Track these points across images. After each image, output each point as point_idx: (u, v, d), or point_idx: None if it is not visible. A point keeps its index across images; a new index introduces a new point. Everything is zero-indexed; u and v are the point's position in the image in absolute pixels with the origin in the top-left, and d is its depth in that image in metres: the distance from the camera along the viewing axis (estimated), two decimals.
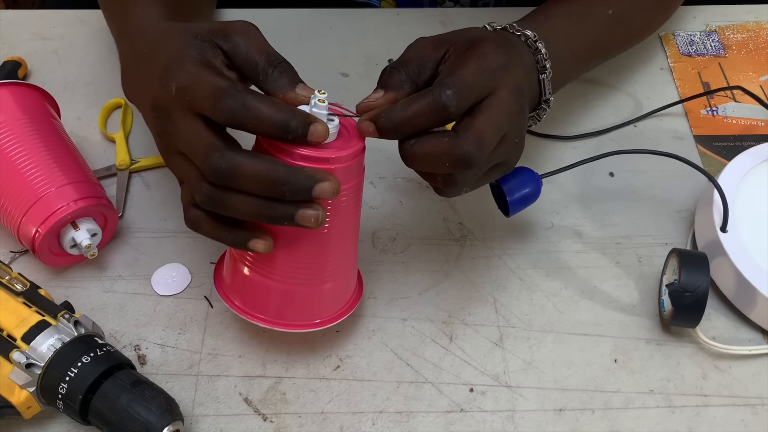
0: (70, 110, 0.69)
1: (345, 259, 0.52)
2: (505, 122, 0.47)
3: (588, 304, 0.59)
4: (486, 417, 0.53)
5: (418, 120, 0.45)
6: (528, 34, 0.55)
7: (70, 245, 0.57)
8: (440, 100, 0.45)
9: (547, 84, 0.56)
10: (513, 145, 0.50)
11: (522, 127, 0.50)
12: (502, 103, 0.47)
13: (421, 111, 0.45)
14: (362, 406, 0.54)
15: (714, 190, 0.60)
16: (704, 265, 0.54)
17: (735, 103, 0.74)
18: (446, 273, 0.61)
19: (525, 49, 0.55)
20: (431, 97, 0.45)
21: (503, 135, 0.48)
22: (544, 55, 0.55)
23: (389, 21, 0.79)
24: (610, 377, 0.56)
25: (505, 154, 0.50)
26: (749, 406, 0.54)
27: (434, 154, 0.46)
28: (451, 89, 0.45)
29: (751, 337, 0.58)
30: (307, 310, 0.52)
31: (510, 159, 0.51)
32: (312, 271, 0.50)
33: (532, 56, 0.55)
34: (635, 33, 0.71)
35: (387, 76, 0.49)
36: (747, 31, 0.80)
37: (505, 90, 0.47)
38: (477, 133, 0.46)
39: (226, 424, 0.52)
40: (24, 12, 0.80)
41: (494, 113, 0.47)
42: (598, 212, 0.65)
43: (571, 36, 0.61)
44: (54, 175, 0.57)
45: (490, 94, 0.47)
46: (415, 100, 0.46)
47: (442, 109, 0.45)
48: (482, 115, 0.46)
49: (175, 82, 0.44)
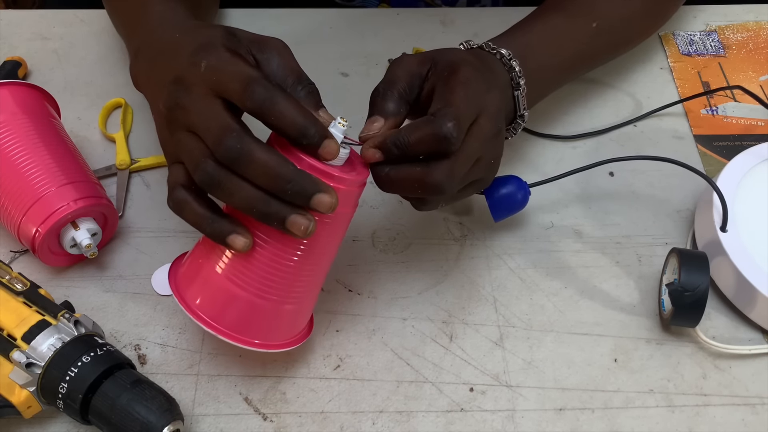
0: (70, 110, 0.69)
1: (313, 285, 0.51)
2: (479, 149, 0.49)
3: (588, 303, 0.59)
4: (486, 416, 0.53)
5: (420, 147, 0.47)
6: (503, 52, 0.57)
7: (70, 245, 0.57)
8: (442, 132, 0.46)
9: (522, 100, 0.57)
10: (488, 166, 0.52)
11: (498, 149, 0.53)
12: (480, 131, 0.49)
13: (423, 139, 0.47)
14: (362, 406, 0.54)
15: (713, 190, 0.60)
16: (704, 265, 0.54)
17: (735, 103, 0.74)
18: (446, 272, 0.61)
19: (500, 67, 0.57)
20: (433, 128, 0.47)
21: (477, 158, 0.50)
22: (518, 73, 0.56)
23: (389, 21, 0.79)
24: (610, 377, 0.56)
25: (479, 174, 0.52)
26: (749, 406, 0.54)
27: (407, 182, 0.48)
28: (452, 122, 0.46)
29: (751, 337, 0.58)
30: (261, 327, 0.49)
31: (485, 177, 0.53)
32: (280, 286, 0.48)
33: (506, 73, 0.57)
34: (622, 44, 0.71)
35: (382, 100, 0.50)
36: (747, 31, 0.80)
37: (484, 117, 0.49)
38: (449, 165, 0.47)
39: (227, 424, 0.52)
40: (24, 12, 0.80)
41: (470, 142, 0.48)
42: (598, 212, 0.65)
43: (549, 51, 0.62)
44: (54, 175, 0.57)
45: (472, 122, 0.49)
46: (419, 128, 0.47)
47: (444, 140, 0.46)
48: (464, 143, 0.48)
49: (206, 61, 0.45)
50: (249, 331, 0.49)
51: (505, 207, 0.59)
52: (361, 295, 0.59)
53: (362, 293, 0.59)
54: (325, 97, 0.47)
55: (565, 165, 0.68)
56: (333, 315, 0.58)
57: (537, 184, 0.60)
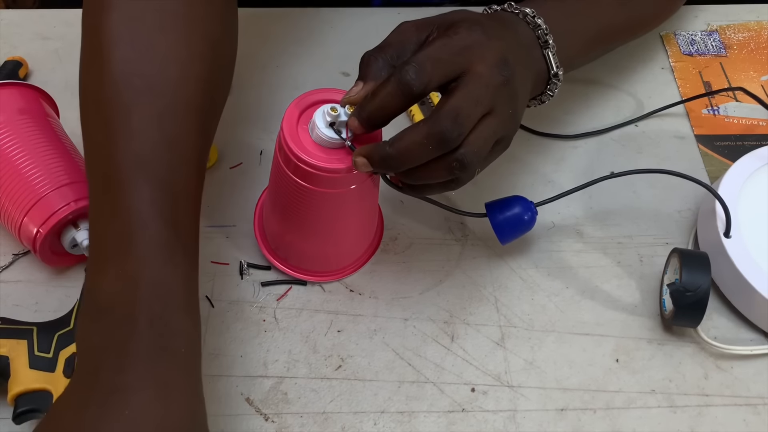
0: (71, 110, 0.68)
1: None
2: (484, 95, 0.46)
3: (589, 303, 0.59)
4: (487, 417, 0.53)
5: (388, 103, 0.46)
6: (526, 11, 0.55)
7: (72, 245, 0.57)
8: (402, 79, 0.45)
9: (553, 58, 0.55)
10: (506, 118, 0.49)
11: (512, 99, 0.49)
12: (479, 77, 0.46)
13: (387, 93, 0.45)
14: (364, 406, 0.54)
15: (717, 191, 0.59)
16: (705, 265, 0.54)
17: (736, 103, 0.74)
18: (447, 273, 0.61)
19: (523, 26, 0.54)
20: (394, 78, 0.45)
21: (490, 109, 0.47)
22: (545, 30, 0.54)
23: (390, 20, 0.79)
24: (611, 377, 0.56)
25: (498, 128, 0.48)
26: (751, 406, 0.54)
27: (416, 142, 0.45)
28: (411, 65, 0.45)
29: (753, 337, 0.58)
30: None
31: (507, 133, 0.50)
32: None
33: (531, 32, 0.54)
34: (642, 22, 0.70)
35: (365, 65, 0.49)
36: (748, 31, 0.80)
37: (481, 64, 0.47)
38: (451, 108, 0.45)
39: (228, 424, 0.52)
40: (24, 12, 0.80)
41: (469, 87, 0.46)
42: (599, 212, 0.65)
43: (573, 16, 0.60)
44: (54, 175, 0.57)
45: (464, 71, 0.46)
46: (381, 86, 0.46)
47: (405, 85, 0.45)
48: (456, 91, 0.46)
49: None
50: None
51: (511, 229, 0.57)
52: (362, 296, 0.59)
53: (363, 293, 0.59)
54: None
55: (565, 165, 0.68)
56: (334, 315, 0.58)
57: (543, 203, 0.58)
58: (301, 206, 0.52)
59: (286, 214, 0.54)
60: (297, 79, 0.73)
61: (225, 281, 0.59)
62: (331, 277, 0.59)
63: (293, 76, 0.74)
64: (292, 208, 0.53)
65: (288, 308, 0.58)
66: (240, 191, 0.65)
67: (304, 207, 0.52)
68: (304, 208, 0.52)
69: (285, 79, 0.74)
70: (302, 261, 0.59)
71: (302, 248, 0.57)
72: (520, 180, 0.67)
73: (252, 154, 0.68)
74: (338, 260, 0.59)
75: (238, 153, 0.68)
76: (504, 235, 0.57)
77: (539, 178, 0.67)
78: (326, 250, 0.57)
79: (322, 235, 0.56)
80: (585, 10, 0.61)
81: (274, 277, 0.60)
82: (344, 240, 0.58)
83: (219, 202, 0.64)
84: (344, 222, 0.55)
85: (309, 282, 0.60)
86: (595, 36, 0.63)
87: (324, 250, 0.57)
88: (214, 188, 0.65)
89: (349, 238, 0.58)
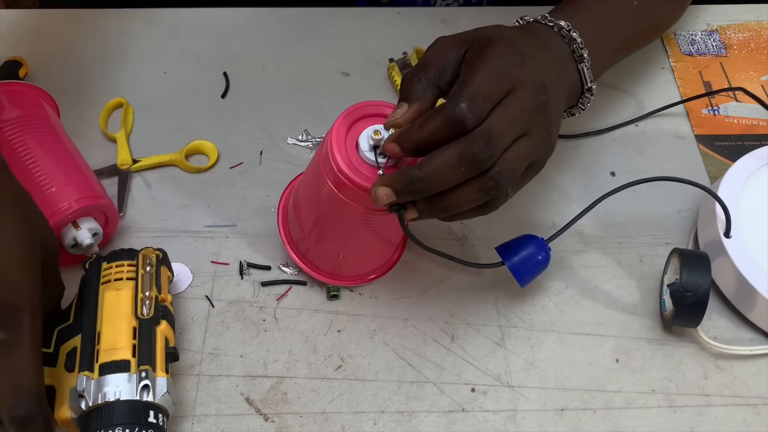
0: (71, 110, 0.69)
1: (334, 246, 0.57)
2: (519, 119, 0.46)
3: (589, 303, 0.59)
4: (488, 417, 0.53)
5: (437, 136, 0.45)
6: (561, 24, 0.54)
7: (72, 245, 0.57)
8: (455, 115, 0.44)
9: (587, 72, 0.55)
10: (540, 142, 0.48)
11: (547, 122, 0.49)
12: (517, 101, 0.46)
13: (438, 128, 0.45)
14: (364, 406, 0.54)
15: (716, 192, 0.59)
16: (706, 265, 0.54)
17: (736, 103, 0.74)
18: (448, 273, 0.61)
19: (557, 40, 0.54)
20: (446, 113, 0.45)
21: (524, 132, 0.47)
22: (580, 44, 0.54)
23: (390, 20, 0.79)
24: (611, 377, 0.55)
25: (531, 151, 0.48)
26: (751, 406, 0.54)
27: (447, 163, 0.45)
28: (465, 102, 0.44)
29: (753, 337, 0.58)
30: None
31: (540, 156, 0.50)
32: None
33: (566, 46, 0.54)
34: (659, 24, 0.70)
35: (408, 85, 0.48)
36: (748, 31, 0.80)
37: (521, 89, 0.47)
38: (485, 129, 0.45)
39: (228, 424, 0.52)
40: (24, 12, 0.80)
41: (506, 111, 0.46)
42: (599, 212, 0.65)
43: (602, 26, 0.60)
44: (54, 175, 0.57)
45: (506, 96, 0.46)
46: (431, 118, 0.45)
47: (459, 123, 0.44)
48: (493, 114, 0.46)
49: None
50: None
51: (528, 270, 0.55)
52: (362, 295, 0.59)
53: (363, 293, 0.59)
54: (326, 97, 0.47)
55: (566, 164, 0.68)
56: (334, 315, 0.58)
57: (554, 237, 0.57)
58: (330, 212, 0.52)
59: (314, 214, 0.54)
60: (297, 79, 0.73)
61: (225, 281, 0.59)
62: (342, 281, 0.59)
63: (293, 76, 0.74)
64: (321, 211, 0.53)
65: (288, 308, 0.58)
66: (240, 191, 0.65)
67: (332, 213, 0.52)
68: (332, 214, 0.52)
69: (285, 79, 0.74)
70: (319, 260, 0.58)
71: (320, 249, 0.57)
72: None
73: (252, 154, 0.68)
74: (354, 268, 0.59)
75: (238, 153, 0.68)
76: (521, 275, 0.55)
77: (539, 179, 0.66)
78: (341, 256, 0.57)
79: (340, 243, 0.56)
80: (611, 19, 0.61)
81: (275, 277, 0.60)
82: (361, 252, 0.58)
83: (218, 202, 0.64)
84: (363, 236, 0.55)
85: (309, 282, 0.60)
86: (620, 44, 0.64)
87: (338, 256, 0.57)
88: (214, 188, 0.65)
89: (368, 252, 0.58)
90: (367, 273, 0.60)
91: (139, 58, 0.75)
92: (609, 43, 0.61)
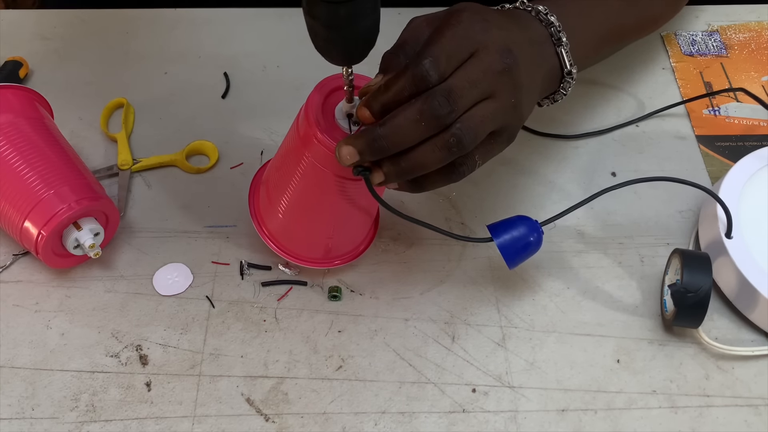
0: (71, 110, 0.69)
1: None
2: (482, 80, 0.47)
3: (590, 304, 0.59)
4: (488, 417, 0.53)
5: (402, 95, 0.46)
6: (539, 8, 0.55)
7: (74, 246, 0.57)
8: (417, 71, 0.46)
9: (566, 56, 0.55)
10: (507, 108, 0.49)
11: (514, 88, 0.49)
12: (480, 62, 0.47)
13: (402, 87, 0.46)
14: (364, 407, 0.54)
15: (717, 192, 0.59)
16: (707, 266, 0.54)
17: (737, 103, 0.73)
18: (448, 273, 0.61)
19: (535, 23, 0.55)
20: (410, 71, 0.46)
21: (489, 95, 0.48)
22: (558, 27, 0.55)
23: (390, 21, 0.79)
24: (612, 378, 0.55)
25: (498, 117, 0.49)
26: (752, 407, 0.54)
27: (408, 118, 0.46)
28: (428, 59, 0.46)
29: (754, 338, 0.58)
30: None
31: (508, 123, 0.50)
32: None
33: (544, 29, 0.55)
34: (650, 20, 0.70)
35: (385, 60, 0.50)
36: (749, 31, 0.80)
37: (484, 51, 0.48)
38: (446, 86, 0.46)
39: (228, 425, 0.52)
40: (24, 12, 0.80)
41: (468, 70, 0.47)
42: (600, 212, 0.65)
43: (586, 14, 0.60)
44: (52, 177, 0.56)
45: (469, 57, 0.47)
46: (396, 78, 0.47)
47: (421, 80, 0.46)
48: (455, 73, 0.47)
49: None
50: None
51: (517, 251, 0.54)
52: (363, 296, 0.59)
53: (364, 294, 0.59)
54: None
55: (566, 165, 0.68)
56: (335, 315, 0.58)
57: (548, 222, 0.56)
58: (303, 183, 0.53)
59: (286, 191, 0.54)
60: (297, 79, 0.73)
61: (225, 281, 0.59)
62: (319, 264, 0.59)
63: (293, 76, 0.74)
64: (295, 185, 0.53)
65: (288, 308, 0.58)
66: (240, 191, 0.65)
67: (305, 184, 0.53)
68: (305, 186, 0.53)
69: (285, 79, 0.74)
70: (293, 244, 0.58)
71: (295, 230, 0.57)
72: (520, 181, 0.67)
73: (252, 154, 0.68)
74: (346, 244, 0.59)
75: (238, 153, 0.68)
76: (512, 259, 0.54)
77: (540, 179, 0.67)
78: (318, 233, 0.57)
79: (323, 222, 0.56)
80: (596, 9, 0.61)
81: (275, 278, 0.60)
82: (340, 226, 0.57)
83: (219, 202, 0.64)
84: (343, 208, 0.55)
85: (309, 282, 0.59)
86: (605, 35, 0.64)
87: (316, 233, 0.57)
88: (214, 188, 0.65)
89: (345, 226, 0.58)
90: (357, 246, 0.60)
91: (140, 59, 0.75)
92: (594, 30, 0.61)
